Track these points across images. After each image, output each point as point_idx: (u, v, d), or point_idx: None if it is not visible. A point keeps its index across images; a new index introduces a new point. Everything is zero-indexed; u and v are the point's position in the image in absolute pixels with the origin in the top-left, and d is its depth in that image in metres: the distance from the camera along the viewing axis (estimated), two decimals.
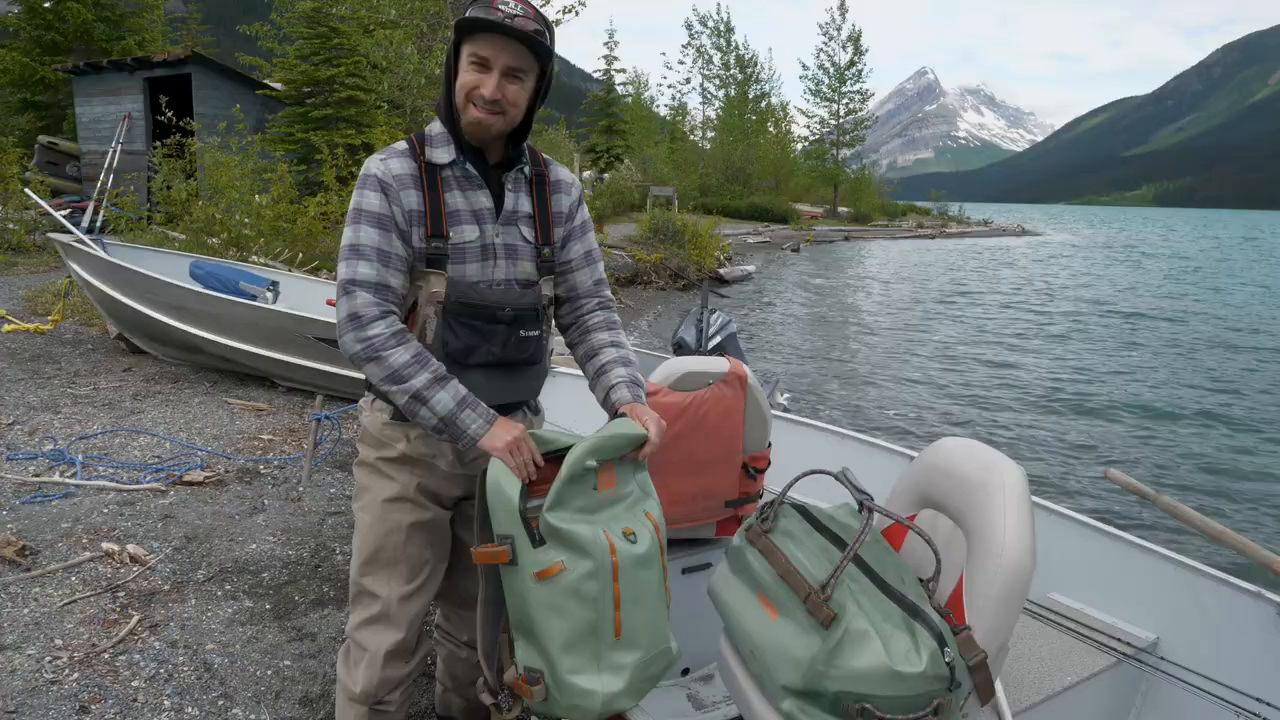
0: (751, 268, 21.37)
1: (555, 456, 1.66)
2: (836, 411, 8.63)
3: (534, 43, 1.64)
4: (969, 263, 30.26)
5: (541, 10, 1.70)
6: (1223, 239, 63.55)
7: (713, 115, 53.99)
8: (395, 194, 1.67)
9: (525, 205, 1.80)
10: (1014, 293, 20.81)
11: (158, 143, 12.29)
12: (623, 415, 1.70)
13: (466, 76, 1.67)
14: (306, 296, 6.53)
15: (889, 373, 10.82)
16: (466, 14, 1.63)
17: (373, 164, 1.70)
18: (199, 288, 5.94)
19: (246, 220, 9.77)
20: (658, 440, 1.65)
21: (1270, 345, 13.93)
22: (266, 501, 4.07)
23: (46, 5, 19.78)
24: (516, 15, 1.61)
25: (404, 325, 1.68)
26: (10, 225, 12.45)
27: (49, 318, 7.62)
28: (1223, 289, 23.81)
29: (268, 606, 3.11)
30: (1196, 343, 14.00)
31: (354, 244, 1.66)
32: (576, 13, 18.25)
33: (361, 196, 1.68)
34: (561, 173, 1.89)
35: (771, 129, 54.18)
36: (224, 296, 5.79)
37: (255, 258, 8.91)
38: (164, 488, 4.11)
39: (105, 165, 14.38)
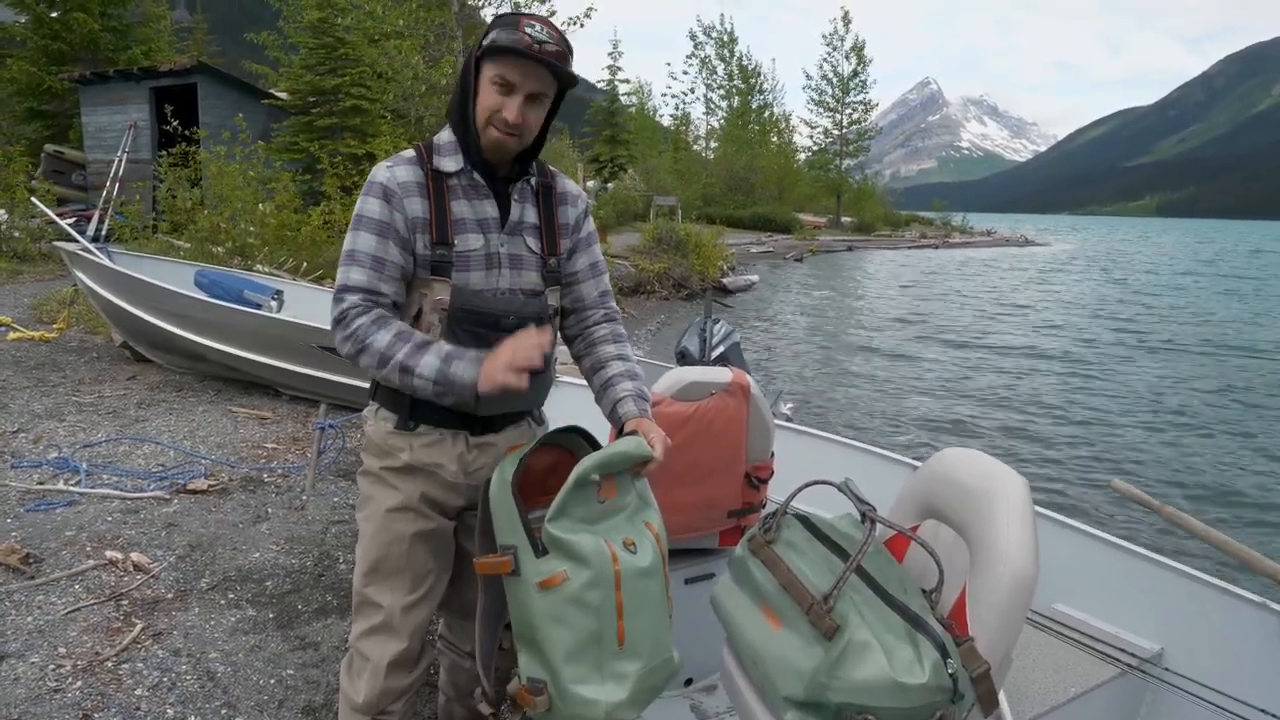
0: (755, 278, 21.37)
1: (553, 444, 1.70)
2: (840, 421, 8.62)
3: (558, 69, 1.65)
4: (973, 274, 30.25)
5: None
6: (1228, 249, 63.49)
7: (716, 125, 54.06)
8: (399, 201, 1.68)
9: (531, 216, 1.81)
10: (1018, 304, 20.80)
11: (163, 152, 12.35)
12: (631, 431, 1.71)
13: (489, 98, 1.67)
14: (311, 305, 6.53)
15: (893, 383, 10.81)
16: (492, 36, 1.64)
17: (379, 171, 1.71)
18: (204, 296, 5.95)
19: (251, 229, 9.81)
20: (662, 458, 1.66)
21: (1276, 355, 13.91)
22: (270, 510, 4.07)
23: (53, 15, 19.86)
24: (544, 41, 1.62)
25: (387, 313, 1.68)
26: (16, 233, 12.52)
27: (54, 326, 7.66)
28: (1228, 298, 23.77)
29: (271, 615, 3.11)
30: (1202, 354, 13.98)
31: (351, 250, 1.68)
32: (582, 24, 18.31)
33: (364, 203, 1.70)
34: (568, 185, 1.90)
35: (775, 139, 54.18)
36: (228, 305, 5.81)
37: (260, 266, 8.94)
38: (168, 496, 4.12)
39: (111, 174, 14.45)
